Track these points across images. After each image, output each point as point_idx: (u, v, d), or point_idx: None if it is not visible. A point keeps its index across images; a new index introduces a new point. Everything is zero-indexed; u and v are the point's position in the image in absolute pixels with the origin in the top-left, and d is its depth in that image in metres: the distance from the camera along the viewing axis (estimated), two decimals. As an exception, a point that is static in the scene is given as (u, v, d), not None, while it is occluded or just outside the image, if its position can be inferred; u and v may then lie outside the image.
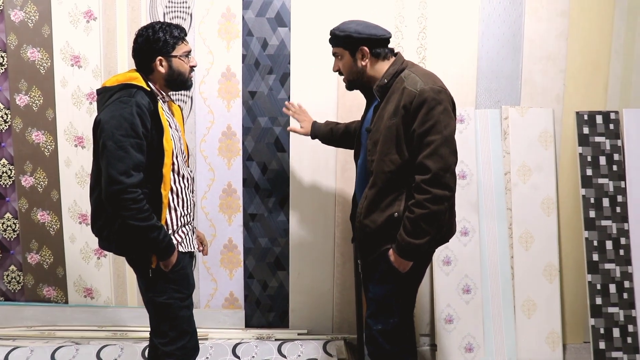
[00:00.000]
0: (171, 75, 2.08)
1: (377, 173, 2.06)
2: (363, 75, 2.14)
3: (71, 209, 3.10)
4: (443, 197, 1.94)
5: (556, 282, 2.99)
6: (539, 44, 2.98)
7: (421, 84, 1.97)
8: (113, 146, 1.90)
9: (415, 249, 1.99)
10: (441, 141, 1.93)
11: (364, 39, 2.07)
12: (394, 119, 2.00)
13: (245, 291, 3.15)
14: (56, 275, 3.18)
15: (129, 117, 1.91)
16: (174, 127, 2.12)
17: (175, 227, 2.11)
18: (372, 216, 2.09)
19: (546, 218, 2.99)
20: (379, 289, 2.18)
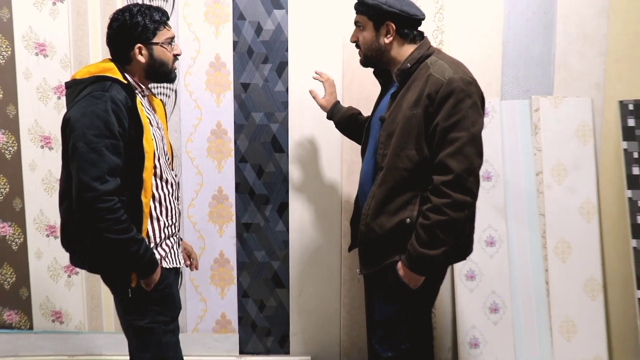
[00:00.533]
0: (152, 66, 2.02)
1: (389, 169, 1.99)
2: (383, 55, 2.06)
3: (37, 220, 3.00)
4: (464, 203, 1.87)
5: (599, 299, 2.81)
6: (574, 22, 2.83)
7: (450, 73, 1.90)
8: (85, 148, 1.83)
9: (428, 262, 1.91)
10: (467, 139, 1.86)
11: (394, 13, 1.98)
12: (415, 109, 1.93)
13: (239, 312, 3.06)
14: (19, 297, 3.07)
15: (103, 115, 1.84)
16: (155, 124, 2.07)
17: (158, 239, 2.05)
18: (379, 219, 2.03)
19: (586, 225, 2.84)
20: (385, 308, 2.12)
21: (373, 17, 2.01)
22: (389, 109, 2.04)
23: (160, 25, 2.00)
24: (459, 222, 1.89)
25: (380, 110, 2.12)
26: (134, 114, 1.92)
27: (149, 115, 2.03)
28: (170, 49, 2.03)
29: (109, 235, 1.84)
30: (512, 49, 2.84)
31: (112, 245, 1.87)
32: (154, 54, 2.00)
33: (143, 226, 1.96)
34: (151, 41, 1.98)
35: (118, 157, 1.87)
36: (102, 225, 1.83)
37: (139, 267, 1.94)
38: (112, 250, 1.90)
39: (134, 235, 1.89)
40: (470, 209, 1.93)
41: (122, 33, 1.96)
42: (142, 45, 1.97)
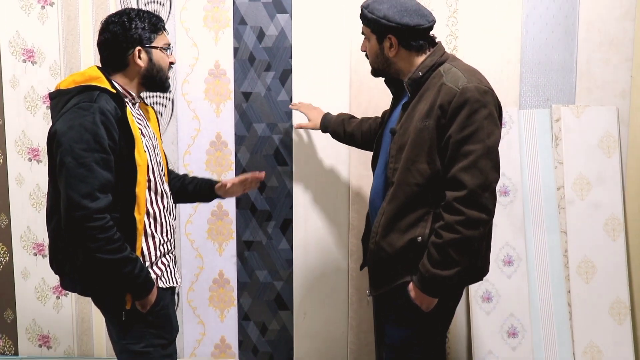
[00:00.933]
0: (151, 71, 2.01)
1: (399, 184, 1.96)
2: (390, 66, 2.04)
3: (24, 238, 2.97)
4: (479, 220, 1.82)
5: (627, 323, 2.75)
6: (597, 26, 2.80)
7: (464, 81, 1.86)
8: (73, 163, 1.80)
9: (441, 283, 1.87)
10: (482, 152, 1.82)
11: (393, 27, 1.94)
12: (427, 121, 1.89)
13: (240, 336, 3.02)
14: (4, 321, 3.03)
15: (92, 127, 1.81)
16: (147, 135, 2.04)
17: (154, 257, 2.01)
18: (389, 237, 2.00)
19: (611, 243, 2.80)
20: (397, 332, 2.08)
21: (375, 30, 2.00)
22: (400, 120, 2.01)
23: (158, 30, 2.00)
24: (474, 240, 1.85)
25: (392, 122, 2.10)
26: (125, 125, 1.90)
27: (140, 126, 2.00)
28: (167, 56, 2.03)
29: (101, 256, 1.82)
30: (530, 54, 2.82)
31: (104, 266, 1.85)
32: (153, 58, 1.99)
33: (137, 244, 1.94)
34: (151, 45, 1.98)
35: (109, 172, 1.84)
36: (94, 245, 1.81)
37: (134, 287, 1.91)
38: (105, 271, 1.87)
39: (128, 255, 1.87)
40: (486, 227, 1.88)
41: (121, 35, 1.94)
42: (142, 49, 1.96)
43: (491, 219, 1.89)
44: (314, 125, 2.59)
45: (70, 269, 1.95)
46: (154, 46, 1.98)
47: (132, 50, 1.96)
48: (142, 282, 1.92)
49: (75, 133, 1.80)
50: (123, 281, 1.89)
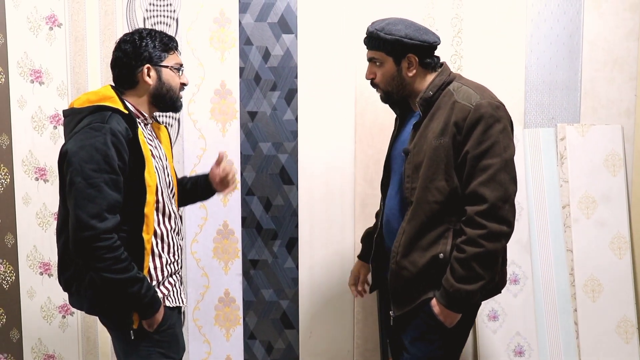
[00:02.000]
0: (160, 89, 2.03)
1: (419, 203, 1.96)
2: (405, 87, 2.04)
3: (30, 257, 2.95)
4: (501, 233, 1.85)
5: (635, 341, 2.74)
6: (602, 46, 2.83)
7: (477, 98, 1.89)
8: (83, 183, 1.81)
9: (465, 298, 1.88)
10: (500, 165, 1.84)
11: (416, 45, 1.96)
12: (442, 139, 1.91)
13: (246, 355, 3.01)
14: (9, 340, 3.02)
15: (102, 148, 1.82)
16: (157, 156, 2.05)
17: (161, 277, 2.02)
18: (411, 256, 2.00)
19: (617, 261, 2.80)
20: (419, 348, 2.06)
21: (392, 52, 1.99)
22: (412, 140, 2.01)
23: (170, 50, 2.02)
24: (497, 253, 1.87)
25: (402, 142, 2.10)
26: (135, 146, 1.90)
27: (151, 147, 2.01)
28: (178, 76, 2.05)
29: (109, 275, 1.83)
30: (535, 74, 2.83)
31: (112, 285, 1.85)
32: (162, 77, 2.00)
33: (144, 264, 1.94)
34: (160, 63, 1.99)
35: (118, 193, 1.85)
36: (101, 265, 1.81)
37: (141, 307, 1.91)
38: (112, 291, 1.87)
39: (135, 274, 1.87)
40: (507, 239, 1.91)
41: (131, 53, 1.97)
42: (151, 67, 1.98)
43: (512, 230, 1.89)
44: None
45: (78, 286, 1.95)
46: (163, 65, 2.00)
47: (141, 67, 1.97)
48: (149, 301, 1.92)
49: (86, 153, 1.81)
50: (130, 300, 1.90)
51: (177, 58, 2.06)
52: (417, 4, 2.80)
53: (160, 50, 2.01)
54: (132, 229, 1.93)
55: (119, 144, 1.85)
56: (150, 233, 1.96)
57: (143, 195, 1.93)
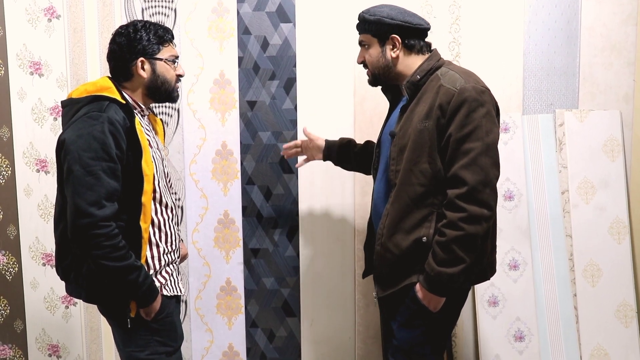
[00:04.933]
0: (154, 82, 2.04)
1: (402, 185, 1.98)
2: (390, 70, 2.07)
3: (32, 248, 2.98)
4: (481, 216, 1.85)
5: (634, 325, 2.75)
6: (600, 31, 2.83)
7: (461, 82, 1.91)
8: (81, 171, 1.82)
9: (447, 281, 1.89)
10: (482, 149, 1.86)
11: (397, 25, 2.00)
12: (427, 122, 1.93)
13: (248, 343, 3.04)
14: (13, 330, 3.05)
15: (100, 136, 1.84)
16: (155, 146, 2.07)
17: (158, 266, 2.04)
18: (394, 238, 2.01)
19: (616, 246, 2.81)
20: (405, 333, 2.07)
21: (377, 33, 2.03)
22: (399, 123, 2.04)
23: (165, 42, 2.02)
24: (477, 236, 1.86)
25: (390, 126, 2.13)
26: (133, 135, 1.92)
27: (148, 137, 2.02)
28: (173, 68, 2.05)
29: (106, 263, 1.83)
30: (533, 60, 2.84)
31: (109, 273, 1.86)
32: (157, 70, 2.01)
33: (142, 252, 1.96)
34: (155, 56, 2.00)
35: (116, 181, 1.86)
36: (99, 252, 1.82)
37: (139, 295, 1.93)
38: (110, 278, 1.88)
39: (133, 262, 1.88)
40: (489, 223, 1.90)
41: (125, 47, 1.98)
42: (145, 60, 1.99)
43: (493, 214, 1.90)
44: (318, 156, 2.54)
45: (75, 275, 1.97)
46: (157, 58, 2.00)
47: (135, 61, 1.98)
48: (147, 289, 1.93)
49: (84, 142, 1.82)
50: (128, 288, 1.91)
51: (172, 50, 2.06)
52: None
53: (155, 43, 2.01)
54: (130, 218, 1.94)
55: (117, 132, 1.87)
56: (148, 222, 1.97)
57: (140, 184, 1.94)
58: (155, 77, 2.03)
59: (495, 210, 1.89)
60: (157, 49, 2.01)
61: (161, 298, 2.02)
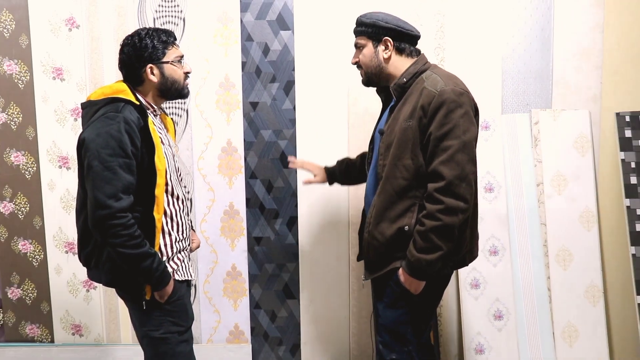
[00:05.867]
0: (164, 84, 2.08)
1: (387, 179, 2.05)
2: (382, 70, 2.12)
3: (56, 237, 3.07)
4: (457, 208, 1.91)
5: (600, 304, 2.86)
6: (571, 38, 2.89)
7: (442, 85, 1.96)
8: (99, 167, 1.87)
9: (426, 267, 1.95)
10: (459, 147, 1.91)
11: (390, 28, 2.07)
12: (410, 121, 1.99)
13: (252, 323, 3.11)
14: (40, 312, 3.14)
15: (117, 135, 1.88)
16: (166, 143, 2.11)
17: (170, 253, 2.09)
18: (380, 227, 2.08)
19: (586, 233, 2.88)
20: (389, 313, 2.14)
21: (371, 35, 2.08)
22: (387, 122, 2.10)
23: (168, 45, 2.05)
24: (453, 227, 1.92)
25: (380, 124, 2.18)
26: (146, 133, 1.96)
27: (160, 135, 2.07)
28: (180, 67, 2.08)
29: (123, 250, 1.88)
30: (511, 64, 2.88)
31: (126, 260, 1.91)
32: (165, 73, 2.05)
33: (156, 241, 2.00)
34: (161, 60, 2.04)
35: (131, 175, 1.91)
36: (117, 241, 1.87)
37: (153, 280, 1.97)
38: (127, 264, 1.93)
39: (147, 250, 1.93)
40: (464, 214, 1.95)
41: (133, 56, 2.02)
42: (153, 65, 2.03)
43: (469, 207, 1.94)
44: (321, 180, 2.57)
45: (96, 262, 2.02)
46: (164, 61, 2.04)
47: (144, 68, 2.03)
48: (160, 274, 1.97)
49: (102, 140, 1.87)
50: (143, 274, 1.95)
51: (176, 51, 2.08)
52: (404, 2, 2.84)
53: (159, 48, 2.03)
54: (144, 209, 1.98)
55: (132, 131, 1.91)
56: (161, 213, 2.01)
57: (153, 178, 1.97)
58: (164, 79, 2.06)
59: (470, 203, 1.94)
60: (163, 53, 2.04)
61: (173, 282, 2.06)
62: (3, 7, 2.89)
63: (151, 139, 1.97)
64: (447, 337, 2.96)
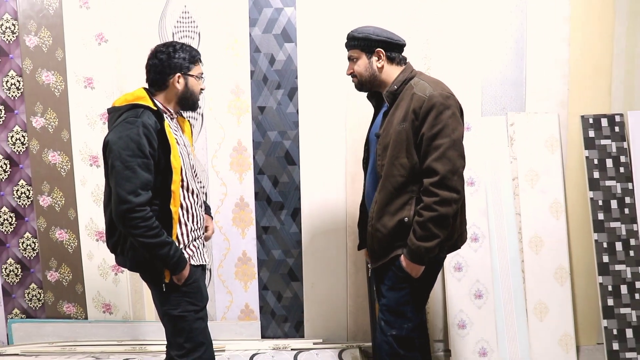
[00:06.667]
0: (186, 94, 2.15)
1: (386, 177, 2.10)
2: (376, 78, 2.19)
3: (88, 227, 3.16)
4: (451, 199, 1.98)
5: (567, 284, 3.01)
6: (542, 49, 3.03)
7: (430, 90, 2.03)
8: (121, 166, 1.95)
9: (425, 253, 2.03)
10: (449, 144, 1.99)
11: (381, 41, 2.13)
12: (404, 124, 2.05)
13: (261, 302, 3.19)
14: (75, 292, 3.24)
15: (136, 138, 1.96)
16: (181, 143, 2.18)
17: (186, 241, 2.16)
18: (382, 220, 2.13)
19: (555, 221, 3.02)
20: (392, 295, 2.20)
21: (365, 47, 2.15)
22: (382, 125, 2.16)
23: (196, 61, 2.15)
24: (448, 216, 1.99)
25: (375, 128, 2.25)
26: (163, 135, 2.03)
27: (176, 136, 2.13)
28: (199, 83, 2.18)
29: (143, 240, 1.96)
30: (489, 72, 3.02)
31: (146, 248, 1.99)
32: (189, 84, 2.13)
33: (173, 230, 2.07)
34: (188, 73, 2.13)
35: (149, 173, 1.98)
36: (137, 232, 1.96)
37: (170, 265, 2.04)
38: (147, 252, 2.00)
39: (165, 239, 2.00)
40: (458, 204, 2.02)
41: (166, 62, 2.09)
42: (181, 75, 2.11)
43: (461, 197, 2.02)
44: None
45: (121, 249, 2.10)
46: (190, 74, 2.13)
47: (173, 75, 2.10)
48: (177, 261, 2.04)
49: (123, 142, 1.94)
50: (161, 260, 2.02)
51: (200, 68, 2.17)
52: (395, 18, 2.94)
53: (189, 62, 2.12)
54: (162, 203, 2.04)
55: (150, 134, 1.97)
56: (177, 206, 2.07)
57: (170, 175, 2.03)
58: (187, 90, 2.14)
59: (462, 193, 2.03)
60: (190, 67, 2.12)
61: (190, 267, 2.12)
62: (42, 26, 2.99)
63: (167, 140, 2.03)
64: (434, 314, 3.09)
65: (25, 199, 3.17)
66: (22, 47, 3.03)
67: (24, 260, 3.22)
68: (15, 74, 3.07)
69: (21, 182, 3.16)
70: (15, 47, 3.04)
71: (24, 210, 3.17)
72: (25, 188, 3.16)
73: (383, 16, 2.93)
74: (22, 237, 3.19)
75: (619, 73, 3.02)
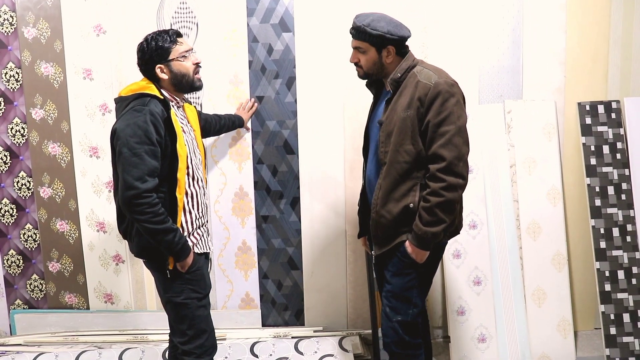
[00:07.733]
0: (175, 79, 2.17)
1: (391, 163, 2.13)
2: (382, 70, 2.22)
3: (89, 218, 3.19)
4: (457, 185, 2.03)
5: (565, 270, 3.05)
6: (538, 37, 3.05)
7: (435, 78, 2.07)
8: (128, 153, 1.99)
9: (431, 238, 2.07)
10: (455, 131, 2.03)
11: (395, 39, 2.14)
12: (409, 111, 2.08)
13: (261, 291, 3.22)
14: (77, 283, 3.27)
15: (143, 125, 2.00)
16: (187, 131, 2.21)
17: (191, 229, 2.21)
18: (387, 206, 2.16)
19: (552, 208, 3.05)
20: (397, 280, 2.23)
21: (376, 44, 2.15)
22: (385, 113, 2.18)
23: (171, 44, 2.13)
24: (454, 201, 2.04)
25: (377, 116, 2.27)
26: (169, 123, 2.08)
27: (182, 124, 2.17)
28: (186, 60, 2.16)
29: (149, 226, 2.01)
30: (486, 60, 3.04)
31: (151, 234, 2.03)
32: (173, 69, 2.14)
33: (178, 218, 2.12)
34: (167, 59, 2.13)
35: (156, 160, 2.03)
36: (143, 218, 2.00)
37: (174, 252, 2.09)
38: (151, 238, 2.05)
39: (170, 226, 2.05)
40: (463, 190, 2.06)
41: (143, 59, 2.14)
42: (162, 65, 2.13)
43: (466, 182, 2.06)
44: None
45: (130, 235, 2.16)
46: (170, 59, 2.13)
47: (154, 69, 2.14)
48: (181, 248, 2.09)
49: (131, 130, 1.99)
50: (165, 246, 2.06)
51: (180, 47, 2.14)
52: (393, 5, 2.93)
53: (164, 48, 2.11)
54: (168, 190, 2.09)
55: (156, 122, 2.02)
56: (182, 193, 2.12)
57: (176, 162, 2.08)
58: (174, 74, 2.14)
59: (467, 179, 2.07)
60: (167, 52, 2.12)
61: (193, 254, 2.17)
62: (40, 17, 3.01)
63: (174, 128, 2.09)
64: (433, 301, 3.14)
65: (25, 191, 3.20)
66: (21, 39, 3.05)
67: (26, 252, 3.25)
68: (14, 65, 3.09)
69: (21, 173, 3.19)
70: (14, 39, 3.06)
71: (25, 202, 3.20)
72: (25, 179, 3.19)
73: (381, 3, 2.93)
74: (23, 228, 3.22)
75: (616, 60, 3.05)
